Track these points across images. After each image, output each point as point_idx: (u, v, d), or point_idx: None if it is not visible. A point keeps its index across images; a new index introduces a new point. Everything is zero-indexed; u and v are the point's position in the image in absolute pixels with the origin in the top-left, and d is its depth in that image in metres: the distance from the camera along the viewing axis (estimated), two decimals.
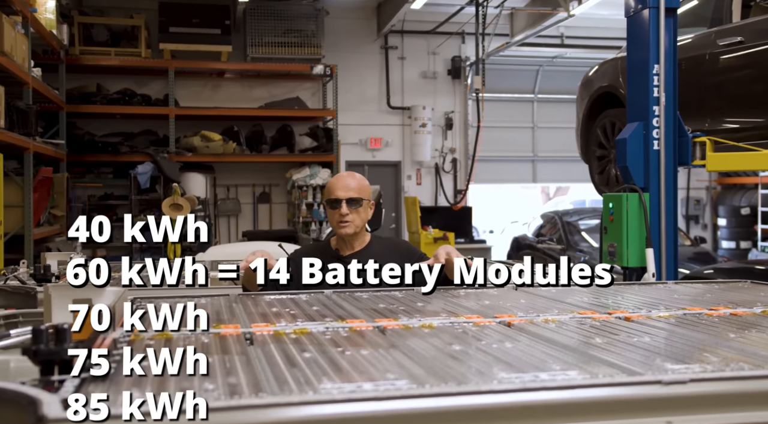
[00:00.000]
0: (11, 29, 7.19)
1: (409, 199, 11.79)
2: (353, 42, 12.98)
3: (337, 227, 2.95)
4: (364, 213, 2.99)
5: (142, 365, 1.33)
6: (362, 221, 2.98)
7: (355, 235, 2.99)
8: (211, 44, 11.30)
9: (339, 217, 2.92)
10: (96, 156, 11.02)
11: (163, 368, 1.30)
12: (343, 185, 2.95)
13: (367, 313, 2.00)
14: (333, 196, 2.94)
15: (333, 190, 2.96)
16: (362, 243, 3.05)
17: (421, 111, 13.11)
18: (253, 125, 11.94)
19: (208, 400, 1.09)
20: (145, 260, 10.15)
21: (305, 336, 1.65)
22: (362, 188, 3.00)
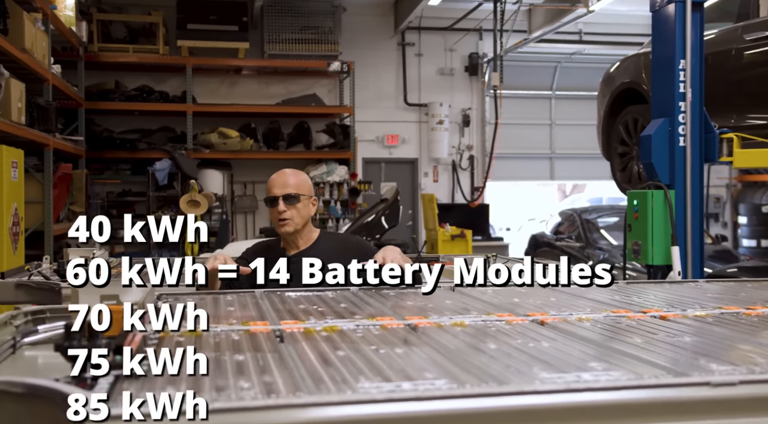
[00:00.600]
0: (31, 26, 7.22)
1: (426, 197, 11.75)
2: (370, 38, 12.94)
3: (277, 226, 2.85)
4: (305, 210, 2.87)
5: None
6: (302, 219, 2.86)
7: (297, 233, 2.87)
8: (229, 41, 11.31)
9: (277, 215, 2.82)
10: (114, 153, 11.06)
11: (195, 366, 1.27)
12: (280, 182, 2.85)
13: (396, 310, 1.97)
14: (270, 194, 2.86)
15: (270, 188, 2.88)
16: (308, 241, 2.92)
17: (438, 108, 13.05)
18: (270, 122, 11.94)
19: (245, 399, 1.07)
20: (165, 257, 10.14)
21: (336, 334, 1.62)
22: (300, 184, 2.89)
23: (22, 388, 1.10)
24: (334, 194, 11.75)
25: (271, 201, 2.85)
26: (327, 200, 11.67)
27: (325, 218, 11.60)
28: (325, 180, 11.75)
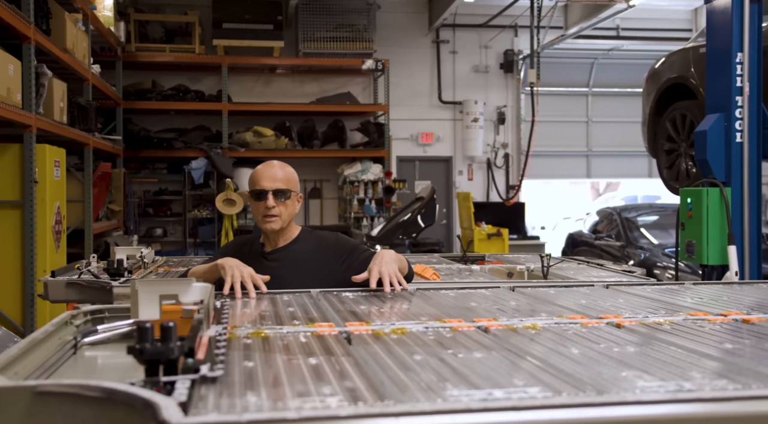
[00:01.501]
0: (73, 26, 7.28)
1: (462, 195, 11.64)
2: (404, 36, 12.87)
3: (262, 222, 2.66)
4: (292, 207, 2.71)
5: (250, 365, 1.26)
6: (290, 216, 2.70)
7: (281, 230, 2.70)
8: (264, 40, 11.32)
9: (264, 210, 2.63)
10: (151, 152, 11.14)
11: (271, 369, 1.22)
12: (270, 175, 2.66)
13: (460, 312, 1.90)
14: (258, 187, 2.65)
15: (258, 180, 2.66)
16: (287, 239, 2.76)
17: (473, 105, 12.94)
18: (304, 120, 11.93)
19: (332, 406, 1.01)
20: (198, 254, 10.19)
21: (407, 336, 1.56)
22: (290, 179, 2.73)
23: (99, 392, 1.05)
24: (368, 193, 11.70)
25: (258, 194, 2.64)
26: (362, 199, 11.63)
27: (359, 217, 11.56)
28: (360, 179, 11.71)
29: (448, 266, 3.75)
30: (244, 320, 1.75)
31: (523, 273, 3.60)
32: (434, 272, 3.18)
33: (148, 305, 1.83)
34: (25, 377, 1.33)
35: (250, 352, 1.38)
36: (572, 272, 3.41)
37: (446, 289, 2.36)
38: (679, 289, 2.36)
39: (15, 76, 5.58)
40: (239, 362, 1.28)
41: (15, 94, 5.56)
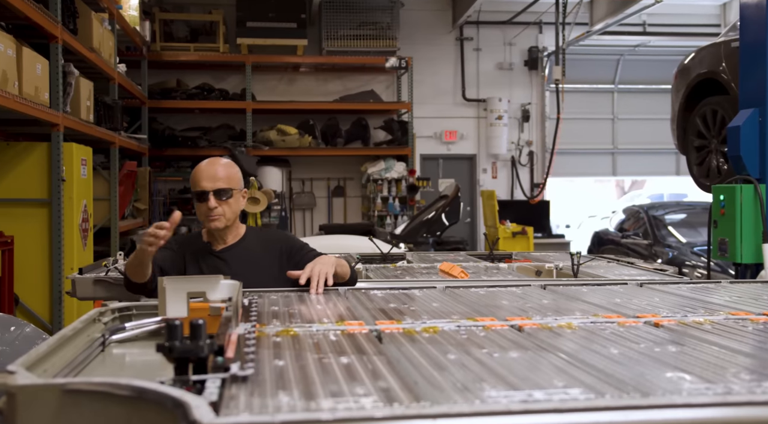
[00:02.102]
0: (99, 26, 7.32)
1: (486, 193, 11.56)
2: (428, 34, 12.81)
3: (207, 221, 2.60)
4: (236, 204, 2.66)
5: (280, 364, 1.23)
6: (234, 214, 2.65)
7: (227, 229, 2.65)
8: (287, 38, 11.32)
9: (207, 210, 2.57)
10: (176, 150, 11.19)
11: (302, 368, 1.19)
12: (209, 175, 2.58)
13: (492, 310, 1.86)
14: (199, 188, 2.59)
15: (198, 180, 2.60)
16: (236, 237, 2.71)
17: (497, 103, 12.84)
18: (328, 119, 11.92)
19: (367, 407, 0.97)
20: None
21: (439, 335, 1.52)
22: (231, 177, 2.65)
23: (129, 390, 1.03)
24: (392, 191, 11.66)
25: (199, 196, 2.59)
26: (385, 197, 11.60)
27: (383, 215, 11.53)
28: (383, 177, 11.67)
29: (476, 263, 3.71)
30: (272, 318, 1.72)
31: (552, 271, 3.54)
32: (462, 270, 3.14)
33: (175, 303, 1.82)
34: (54, 375, 1.32)
35: (280, 350, 1.35)
36: (602, 271, 3.35)
37: (476, 287, 2.32)
38: (716, 287, 2.30)
39: (43, 75, 5.62)
40: (269, 361, 1.26)
41: (43, 92, 5.60)
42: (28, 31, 5.77)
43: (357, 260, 3.34)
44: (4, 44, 4.75)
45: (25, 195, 5.92)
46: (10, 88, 4.87)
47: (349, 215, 12.65)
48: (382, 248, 4.06)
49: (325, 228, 10.88)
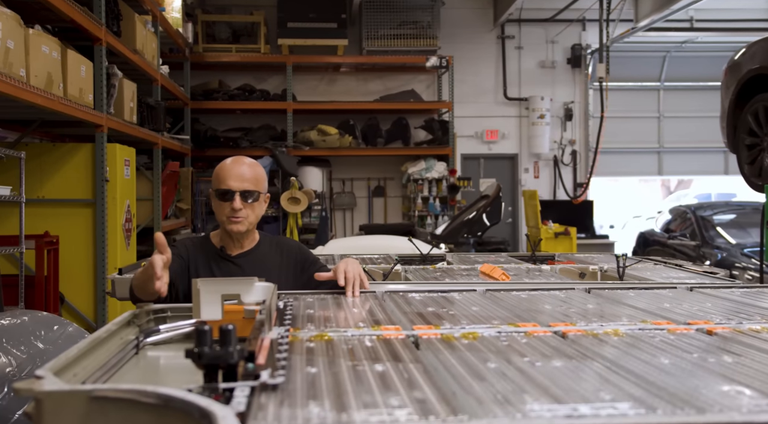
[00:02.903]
0: (142, 28, 7.41)
1: (528, 193, 11.41)
2: (469, 32, 12.71)
3: (227, 223, 2.44)
4: (260, 208, 2.53)
5: (312, 372, 1.19)
6: (256, 218, 2.52)
7: (246, 233, 2.51)
8: (328, 38, 11.33)
9: (231, 211, 2.42)
10: (218, 151, 11.28)
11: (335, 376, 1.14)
12: (238, 174, 2.42)
13: (534, 315, 1.79)
14: (224, 187, 2.42)
15: (224, 178, 2.43)
16: (252, 242, 2.58)
17: (539, 102, 12.67)
18: (368, 119, 11.91)
19: (401, 420, 0.92)
20: None
21: (478, 341, 1.46)
22: (258, 179, 2.51)
23: (155, 398, 0.99)
24: (432, 191, 11.59)
25: (223, 194, 2.42)
26: (426, 197, 11.53)
27: (424, 215, 11.47)
28: (424, 177, 11.61)
29: (517, 265, 3.63)
30: (307, 322, 1.68)
31: (596, 274, 3.45)
32: (503, 272, 3.06)
33: (210, 305, 1.79)
34: (85, 379, 1.29)
35: (313, 356, 1.31)
36: (649, 273, 3.24)
37: (517, 290, 2.25)
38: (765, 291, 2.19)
39: (87, 77, 5.70)
40: (301, 368, 1.21)
41: (87, 94, 5.68)
42: (72, 33, 5.87)
43: (396, 261, 3.29)
44: (50, 47, 4.82)
45: (70, 195, 6.02)
46: (55, 90, 4.95)
47: (390, 215, 12.61)
48: (422, 249, 4.01)
49: (366, 228, 10.86)
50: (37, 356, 3.48)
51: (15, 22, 4.26)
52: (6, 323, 3.56)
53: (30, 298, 4.94)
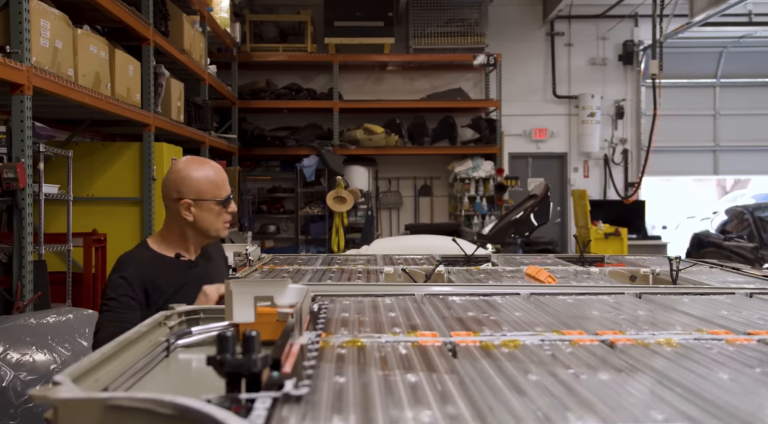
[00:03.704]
0: (190, 28, 7.48)
1: (577, 193, 11.19)
2: (517, 30, 12.53)
3: (222, 230, 2.44)
4: None
5: (341, 382, 1.12)
6: None
7: None
8: (374, 37, 11.31)
9: (226, 216, 2.42)
10: (265, 150, 11.36)
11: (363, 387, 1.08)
12: (227, 180, 2.45)
13: (580, 321, 1.69)
14: (226, 194, 2.40)
15: (222, 185, 2.40)
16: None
17: (590, 100, 12.43)
18: (414, 117, 11.84)
19: None
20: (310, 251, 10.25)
21: (520, 350, 1.37)
22: None
23: (171, 409, 0.94)
24: (479, 190, 11.47)
25: (224, 202, 2.40)
26: (472, 197, 11.41)
27: (470, 215, 11.34)
28: (471, 176, 11.49)
29: (564, 267, 3.51)
30: (340, 326, 1.62)
31: (647, 277, 3.30)
32: (549, 274, 2.95)
33: (242, 307, 1.74)
34: (107, 384, 1.25)
35: (343, 364, 1.24)
36: (704, 277, 3.09)
37: (563, 294, 2.15)
38: None
39: (134, 77, 5.76)
40: (329, 377, 1.15)
41: (134, 93, 5.74)
42: (121, 33, 5.94)
43: (438, 262, 3.21)
44: (97, 47, 4.87)
45: (118, 194, 6.10)
46: (103, 89, 5.00)
47: (436, 214, 12.52)
48: (466, 250, 3.91)
49: (411, 228, 10.79)
50: (81, 353, 3.50)
51: (63, 22, 4.31)
52: (52, 320, 3.59)
53: (78, 295, 5.00)
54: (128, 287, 2.26)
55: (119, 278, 2.28)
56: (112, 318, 2.21)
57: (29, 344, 3.31)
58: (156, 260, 2.38)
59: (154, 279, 2.31)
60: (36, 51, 3.93)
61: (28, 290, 3.84)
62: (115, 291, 2.25)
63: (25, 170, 3.77)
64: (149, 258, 2.39)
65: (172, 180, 2.38)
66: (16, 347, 3.28)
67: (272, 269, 3.32)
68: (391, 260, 3.72)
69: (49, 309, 3.86)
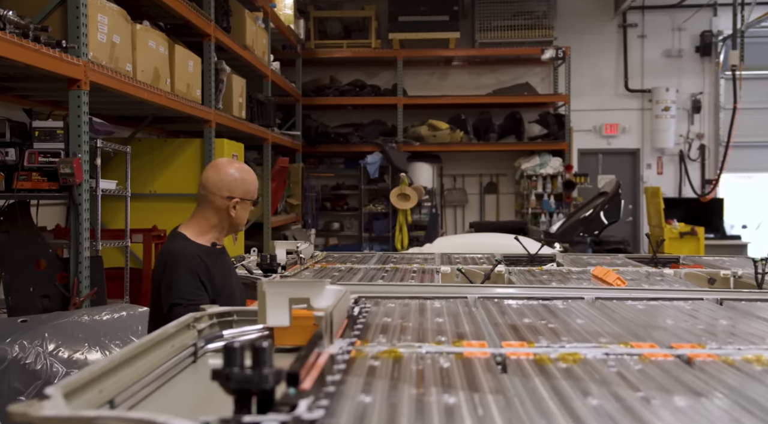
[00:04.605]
0: (252, 24, 7.45)
1: (650, 190, 10.73)
2: (587, 22, 12.12)
3: (242, 226, 2.75)
4: None
5: (366, 402, 0.97)
6: None
7: None
8: (439, 32, 11.11)
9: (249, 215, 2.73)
10: (328, 147, 11.32)
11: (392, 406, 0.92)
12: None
13: (652, 332, 1.49)
14: (254, 195, 2.71)
15: (254, 188, 2.71)
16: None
17: (664, 93, 11.91)
18: (480, 113, 11.60)
19: None
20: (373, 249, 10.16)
21: (580, 366, 1.19)
22: None
23: None
24: (547, 188, 11.14)
25: (255, 202, 2.73)
26: (540, 194, 11.09)
27: (537, 213, 11.03)
28: (538, 173, 11.18)
29: (635, 268, 3.27)
30: (379, 333, 1.46)
31: (728, 280, 3.03)
32: (618, 276, 2.73)
33: (276, 309, 1.61)
34: (116, 395, 1.13)
35: (373, 380, 1.09)
36: None
37: (633, 299, 1.94)
38: None
39: (195, 72, 5.74)
40: (354, 396, 1.00)
41: (194, 89, 5.73)
42: (182, 30, 5.94)
43: (496, 262, 3.03)
44: (156, 42, 4.86)
45: (179, 190, 6.10)
46: (162, 85, 4.99)
47: (502, 212, 12.24)
48: (530, 248, 3.71)
49: (476, 226, 10.56)
50: None
51: (121, 17, 4.30)
52: (105, 317, 3.57)
53: (136, 291, 5.01)
54: (196, 279, 2.46)
55: (186, 271, 2.46)
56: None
57: (82, 341, 3.28)
58: (201, 250, 2.56)
59: (207, 266, 2.51)
60: (93, 46, 3.92)
61: (84, 285, 3.84)
62: (186, 286, 2.44)
63: (82, 166, 3.76)
64: (197, 248, 2.56)
65: (224, 180, 2.60)
66: (69, 344, 3.26)
67: (324, 267, 3.20)
68: (449, 260, 3.56)
69: (104, 305, 3.85)
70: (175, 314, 2.33)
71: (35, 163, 3.77)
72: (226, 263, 2.67)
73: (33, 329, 3.21)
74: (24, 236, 3.96)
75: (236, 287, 2.63)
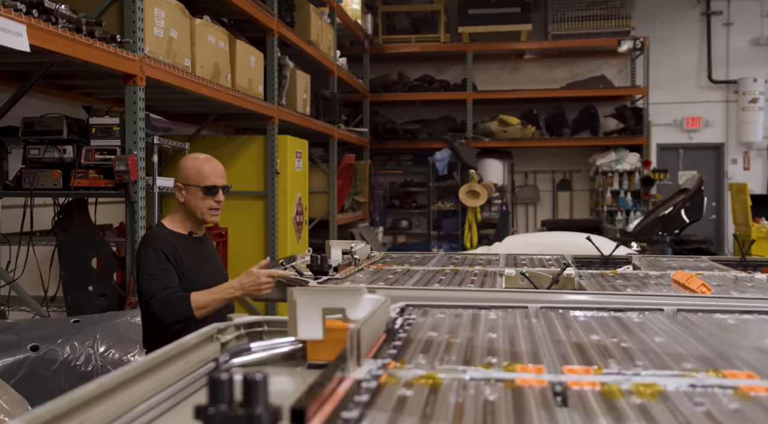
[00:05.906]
0: (317, 19, 7.35)
1: (736, 186, 10.14)
2: (667, 10, 11.55)
3: (208, 215, 2.75)
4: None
5: None
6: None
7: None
8: (510, 24, 10.80)
9: (214, 205, 2.74)
10: (396, 143, 11.15)
11: None
12: (220, 171, 2.78)
13: (748, 354, 1.25)
14: (210, 183, 2.71)
15: (209, 175, 2.72)
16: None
17: (751, 84, 11.24)
18: (553, 107, 11.22)
19: None
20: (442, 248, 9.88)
21: (658, 402, 0.97)
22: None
23: None
24: (623, 184, 10.69)
25: (209, 190, 2.72)
26: (616, 191, 10.65)
27: (613, 211, 10.59)
28: (614, 169, 10.74)
29: (722, 273, 2.96)
30: (419, 351, 1.27)
31: None
32: (703, 283, 2.45)
33: (308, 320, 1.44)
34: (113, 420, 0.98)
35: (400, 417, 0.90)
36: None
37: (722, 311, 1.69)
38: None
39: (256, 68, 5.66)
40: None
41: (256, 85, 5.64)
42: (244, 25, 5.87)
43: (564, 266, 2.78)
44: (216, 37, 4.78)
45: (242, 187, 6.03)
46: (222, 80, 4.91)
47: (576, 210, 11.82)
48: (603, 249, 3.44)
49: (548, 224, 10.20)
50: None
51: (179, 11, 4.23)
52: None
53: None
54: (161, 256, 2.60)
55: (151, 250, 2.63)
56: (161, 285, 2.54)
57: (133, 342, 3.21)
58: (173, 235, 2.73)
59: (177, 249, 2.65)
60: (149, 41, 3.86)
61: None
62: (151, 262, 2.59)
63: (138, 163, 3.70)
64: (169, 233, 2.73)
65: (178, 170, 2.79)
66: (120, 346, 3.19)
67: (379, 268, 3.02)
68: (515, 261, 3.32)
69: None
70: (143, 291, 2.57)
71: (92, 160, 3.73)
72: (202, 251, 2.77)
73: (85, 330, 3.16)
74: (82, 234, 3.94)
75: (215, 278, 2.70)
